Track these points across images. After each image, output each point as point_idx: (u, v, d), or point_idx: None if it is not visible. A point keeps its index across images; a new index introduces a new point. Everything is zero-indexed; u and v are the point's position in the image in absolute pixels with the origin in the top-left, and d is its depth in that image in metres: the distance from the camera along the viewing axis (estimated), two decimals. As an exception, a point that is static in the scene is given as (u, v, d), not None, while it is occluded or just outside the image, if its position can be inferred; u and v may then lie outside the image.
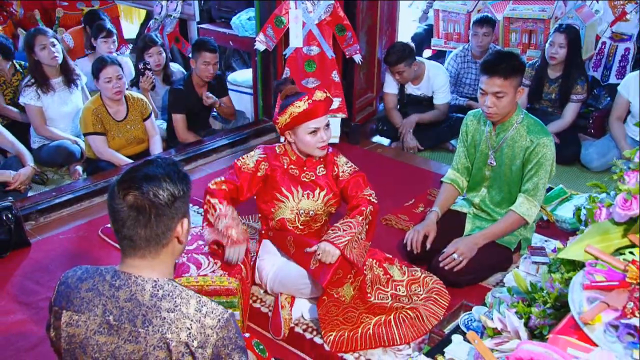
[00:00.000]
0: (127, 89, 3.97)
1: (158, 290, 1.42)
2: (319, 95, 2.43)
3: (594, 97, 4.72)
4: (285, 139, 2.58)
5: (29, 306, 2.68)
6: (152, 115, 4.08)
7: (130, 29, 6.63)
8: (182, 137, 4.30)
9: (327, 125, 2.50)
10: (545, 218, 3.33)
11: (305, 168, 2.59)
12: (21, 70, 4.29)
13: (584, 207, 1.64)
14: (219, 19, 5.42)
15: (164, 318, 1.39)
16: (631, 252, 1.39)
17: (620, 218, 1.45)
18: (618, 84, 4.15)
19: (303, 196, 2.56)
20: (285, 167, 2.57)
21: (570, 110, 4.20)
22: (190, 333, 1.38)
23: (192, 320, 1.39)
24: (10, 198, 3.18)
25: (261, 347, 1.99)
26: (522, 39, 4.96)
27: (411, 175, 4.02)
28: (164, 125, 4.45)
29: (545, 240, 3.14)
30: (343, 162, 2.67)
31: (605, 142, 4.12)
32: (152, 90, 4.45)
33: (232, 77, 5.36)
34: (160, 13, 5.65)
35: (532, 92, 4.33)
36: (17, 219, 3.06)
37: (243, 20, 4.92)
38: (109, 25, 4.83)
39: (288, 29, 4.09)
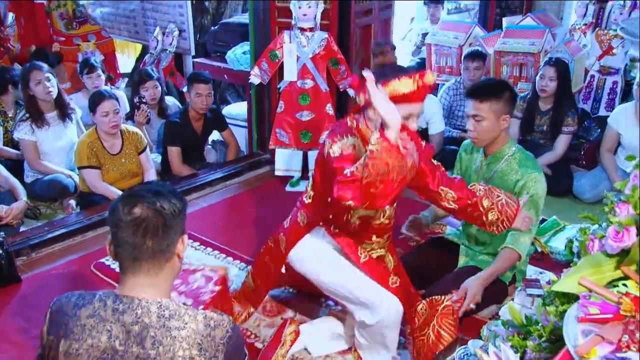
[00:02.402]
0: (122, 122, 3.98)
1: (164, 311, 1.44)
2: (430, 78, 2.07)
3: (585, 129, 4.77)
4: (363, 114, 2.17)
5: (17, 345, 2.62)
6: (147, 148, 4.09)
7: (126, 63, 6.69)
8: (176, 170, 4.30)
9: (420, 114, 2.17)
10: (539, 250, 3.33)
11: None
12: (21, 104, 4.33)
13: (576, 239, 1.63)
14: (214, 53, 5.49)
15: (175, 337, 1.42)
16: (624, 284, 1.39)
17: (613, 250, 1.44)
18: (607, 116, 4.20)
19: None
20: None
21: (562, 142, 4.23)
22: (202, 347, 1.43)
23: (202, 335, 1.44)
24: (1, 233, 3.14)
25: None
26: (513, 72, 5.02)
27: (404, 207, 3.99)
28: (159, 158, 4.46)
29: (540, 272, 3.13)
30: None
31: (597, 173, 4.15)
32: (147, 124, 4.47)
33: (226, 110, 5.40)
34: (156, 47, 5.72)
35: (524, 124, 4.37)
36: (8, 255, 3.03)
37: (238, 54, 4.98)
38: (92, 60, 4.87)
39: (282, 62, 4.14)
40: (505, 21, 5.60)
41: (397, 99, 2.00)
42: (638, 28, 4.35)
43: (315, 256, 2.35)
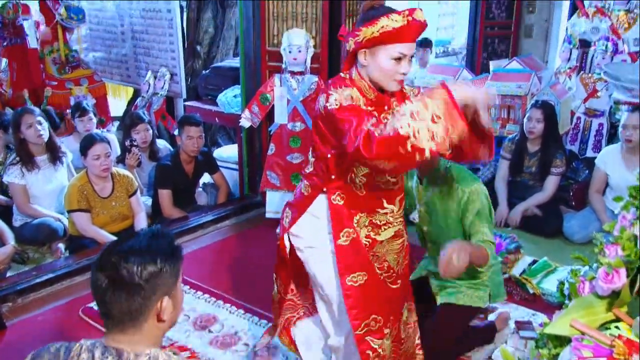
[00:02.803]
0: (113, 165, 3.99)
1: None
2: (419, 15, 1.95)
3: (573, 170, 4.82)
4: (354, 64, 2.09)
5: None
6: (138, 191, 4.09)
7: (117, 106, 6.74)
8: (167, 212, 4.29)
9: (412, 57, 2.06)
10: (531, 291, 3.32)
11: (386, 107, 2.09)
12: (11, 148, 4.32)
13: (567, 281, 1.64)
14: (205, 96, 5.54)
15: None
16: (617, 327, 1.38)
17: (603, 292, 1.44)
18: (595, 157, 4.25)
19: None
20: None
21: (551, 183, 4.27)
22: None
23: None
24: (-13, 279, 3.12)
25: None
26: (501, 114, 5.10)
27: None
28: (149, 201, 4.45)
29: (533, 314, 3.12)
30: (409, 90, 2.21)
31: (587, 214, 4.17)
32: (138, 167, 4.48)
33: (217, 152, 5.42)
34: (147, 91, 5.78)
35: (513, 166, 4.41)
36: (-5, 300, 2.99)
37: (229, 98, 5.03)
38: (84, 103, 4.92)
39: (273, 105, 4.18)
40: (492, 65, 5.71)
41: (388, 37, 1.95)
42: (620, 72, 4.46)
43: (310, 237, 2.18)
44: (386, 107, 2.08)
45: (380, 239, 2.17)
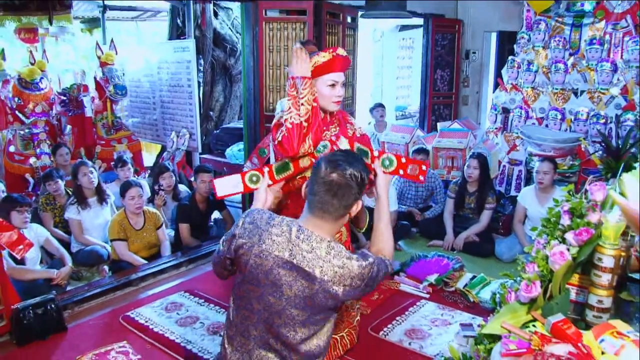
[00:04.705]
0: (144, 204, 4.00)
1: (331, 250, 1.55)
2: (341, 51, 2.12)
3: (502, 206, 4.92)
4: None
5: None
6: (164, 225, 4.10)
7: (149, 158, 6.76)
8: (186, 241, 4.28)
9: (344, 84, 2.18)
10: (472, 300, 3.36)
11: (324, 128, 2.19)
12: (69, 193, 4.32)
13: (498, 292, 1.69)
14: (216, 150, 5.60)
15: (336, 272, 1.53)
16: (534, 325, 1.44)
17: (525, 299, 1.50)
18: (517, 196, 4.36)
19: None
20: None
21: (485, 216, 4.36)
22: (349, 288, 1.54)
23: (351, 278, 1.54)
24: (53, 292, 3.13)
25: (386, 163, 2.02)
26: (447, 163, 5.22)
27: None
28: (172, 233, 4.44)
29: (473, 318, 3.14)
30: (354, 121, 2.34)
31: (512, 239, 4.26)
32: (164, 206, 4.49)
33: (226, 194, 5.42)
34: (171, 147, 5.80)
35: (457, 203, 4.51)
36: (58, 309, 2.99)
37: (234, 151, 5.10)
38: (124, 157, 4.97)
39: (269, 157, 4.23)
40: (439, 125, 5.85)
41: (321, 70, 2.10)
42: (531, 132, 4.62)
43: None
44: (324, 128, 2.17)
45: None
